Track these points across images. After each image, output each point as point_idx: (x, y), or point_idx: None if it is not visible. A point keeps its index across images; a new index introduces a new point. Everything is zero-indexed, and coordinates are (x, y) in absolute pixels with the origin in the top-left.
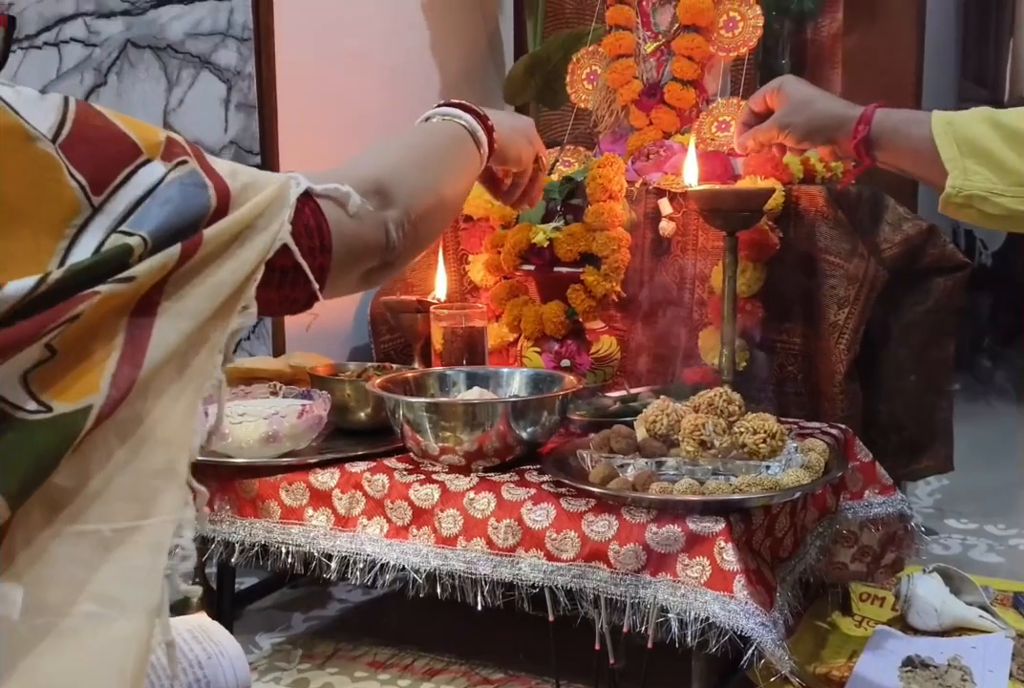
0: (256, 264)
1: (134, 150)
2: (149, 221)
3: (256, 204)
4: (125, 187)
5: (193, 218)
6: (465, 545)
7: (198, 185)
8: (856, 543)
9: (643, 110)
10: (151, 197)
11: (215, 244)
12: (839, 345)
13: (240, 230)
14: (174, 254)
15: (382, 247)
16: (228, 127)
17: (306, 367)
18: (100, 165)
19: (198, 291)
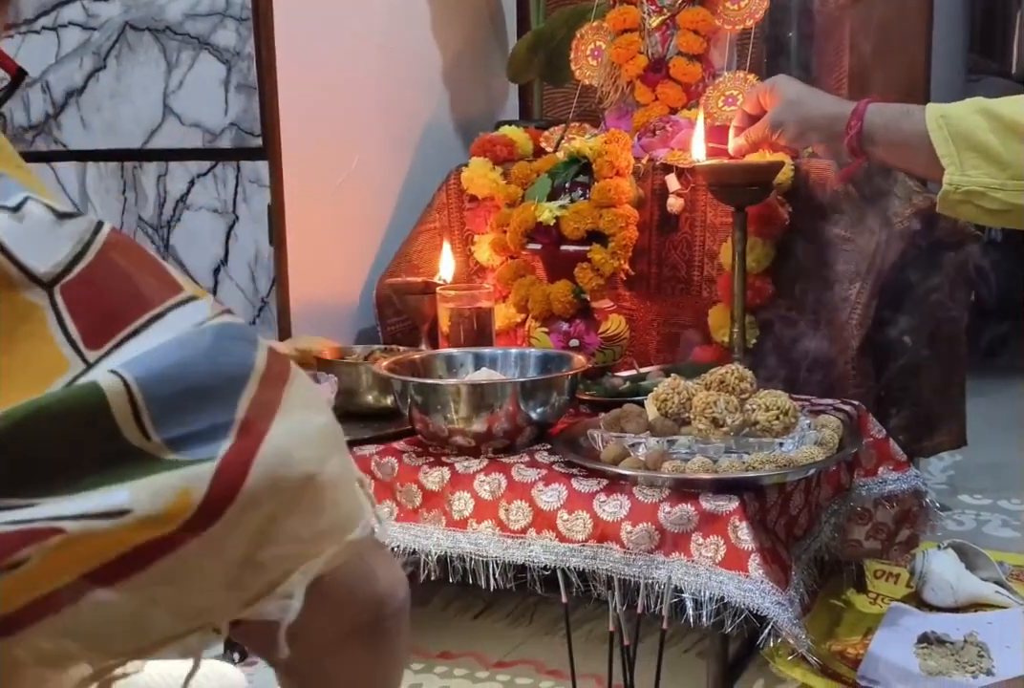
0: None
1: (170, 288)
2: (146, 363)
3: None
4: (145, 333)
5: (222, 378)
6: (476, 527)
7: (244, 338)
8: (870, 520)
9: (649, 85)
10: (172, 341)
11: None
12: (851, 320)
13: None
14: (206, 471)
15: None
16: (228, 109)
17: (312, 351)
18: (110, 309)
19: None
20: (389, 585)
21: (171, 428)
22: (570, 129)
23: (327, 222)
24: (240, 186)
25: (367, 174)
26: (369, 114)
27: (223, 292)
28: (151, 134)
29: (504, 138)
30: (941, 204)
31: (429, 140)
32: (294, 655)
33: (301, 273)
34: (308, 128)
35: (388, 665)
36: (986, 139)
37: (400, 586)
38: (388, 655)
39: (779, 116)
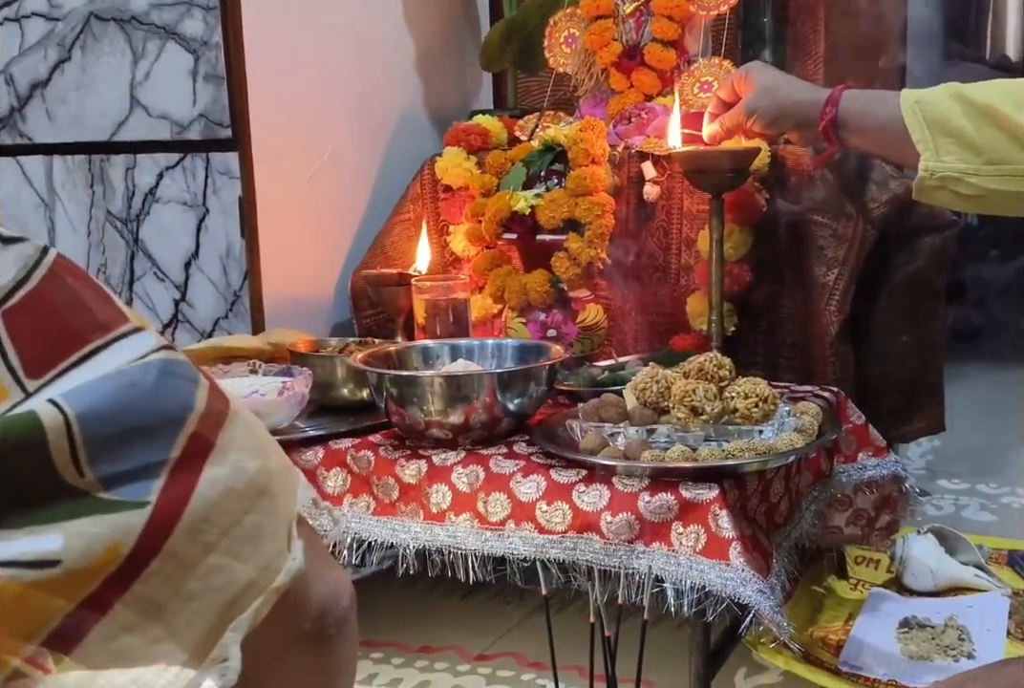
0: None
1: (116, 318)
2: (88, 397)
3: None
4: (88, 364)
5: (161, 419)
6: (454, 520)
7: (186, 377)
8: (851, 506)
9: (623, 73)
10: (115, 374)
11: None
12: (829, 307)
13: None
14: (136, 522)
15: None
16: (197, 99)
17: (286, 344)
18: (53, 338)
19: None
20: (331, 591)
21: (106, 465)
22: (545, 117)
23: (300, 214)
24: (210, 178)
25: (340, 165)
26: (341, 104)
27: (194, 286)
28: (118, 126)
29: (478, 127)
30: (917, 191)
31: (402, 130)
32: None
33: (274, 266)
34: (279, 119)
35: (335, 672)
36: (960, 124)
37: (343, 592)
38: (334, 662)
39: (754, 103)
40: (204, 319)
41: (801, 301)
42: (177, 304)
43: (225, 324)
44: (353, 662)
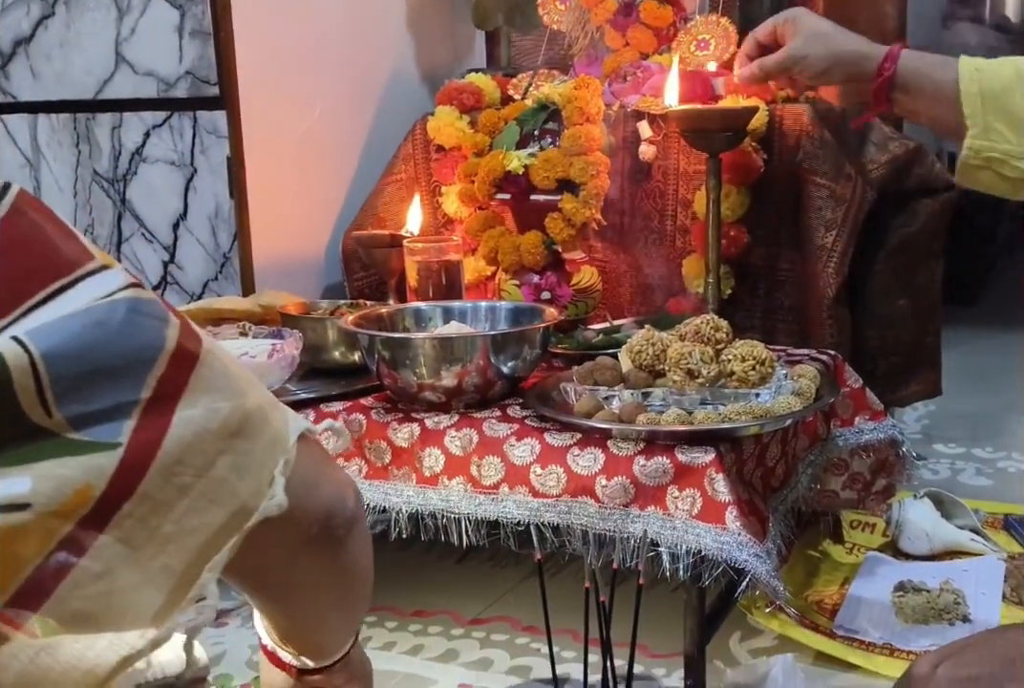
0: (244, 514)
1: (81, 255)
2: (53, 335)
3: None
4: (54, 302)
5: (130, 358)
6: (447, 484)
7: (154, 316)
8: (847, 470)
9: (619, 30)
10: (81, 312)
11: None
12: (827, 269)
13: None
14: (107, 464)
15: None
16: (183, 56)
17: (276, 306)
18: (17, 276)
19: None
20: (335, 494)
21: (74, 405)
22: (539, 76)
23: (290, 174)
24: (197, 137)
25: (330, 124)
26: (331, 62)
27: (183, 247)
28: (103, 84)
29: (471, 86)
30: (960, 173)
31: (394, 89)
32: (251, 573)
33: (264, 227)
34: (267, 76)
35: (351, 571)
36: (1016, 103)
37: (348, 493)
38: (348, 562)
39: (802, 49)
40: (193, 281)
41: (799, 263)
42: (166, 266)
43: (215, 286)
44: (368, 563)
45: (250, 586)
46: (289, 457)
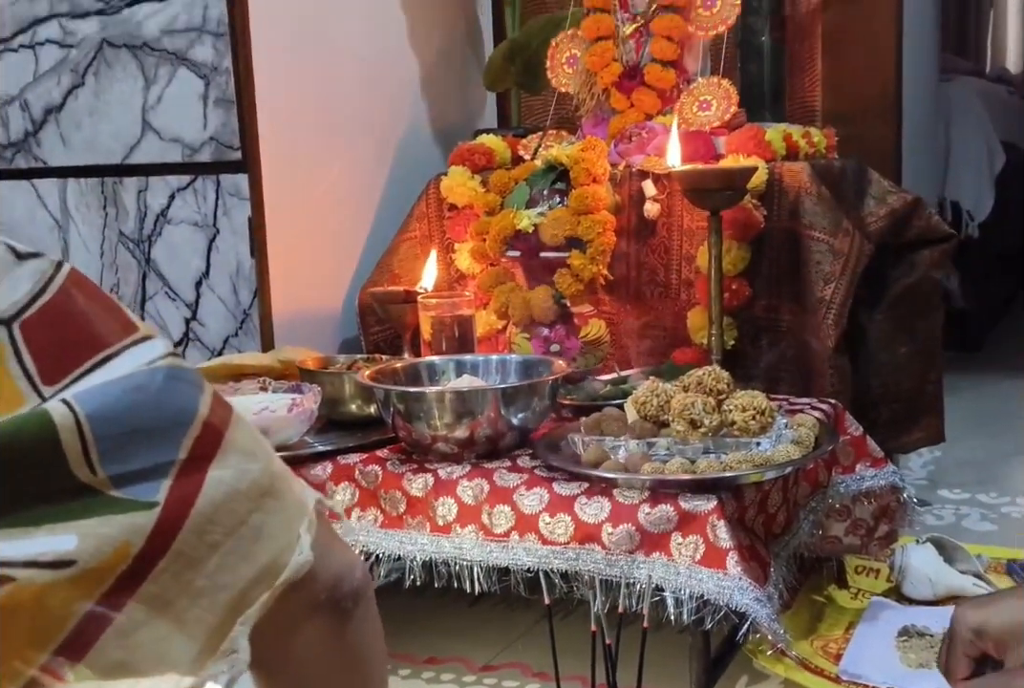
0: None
1: (126, 327)
2: (97, 398)
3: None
4: (99, 371)
5: (167, 421)
6: (460, 532)
7: (190, 382)
8: (849, 516)
9: (624, 92)
10: (124, 378)
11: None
12: (827, 320)
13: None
14: (145, 523)
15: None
16: (207, 123)
17: (295, 361)
18: (67, 347)
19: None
20: (344, 565)
21: (116, 464)
22: (547, 137)
23: (308, 233)
24: (220, 199)
25: (348, 184)
26: (349, 125)
27: (205, 305)
28: (131, 149)
29: (482, 147)
30: None
31: (409, 150)
32: (257, 642)
33: (283, 284)
34: (287, 140)
35: (359, 650)
36: None
37: (355, 567)
38: (355, 640)
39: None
40: (214, 337)
41: (799, 315)
42: (188, 323)
43: (235, 342)
44: (378, 644)
45: (255, 664)
46: (311, 518)
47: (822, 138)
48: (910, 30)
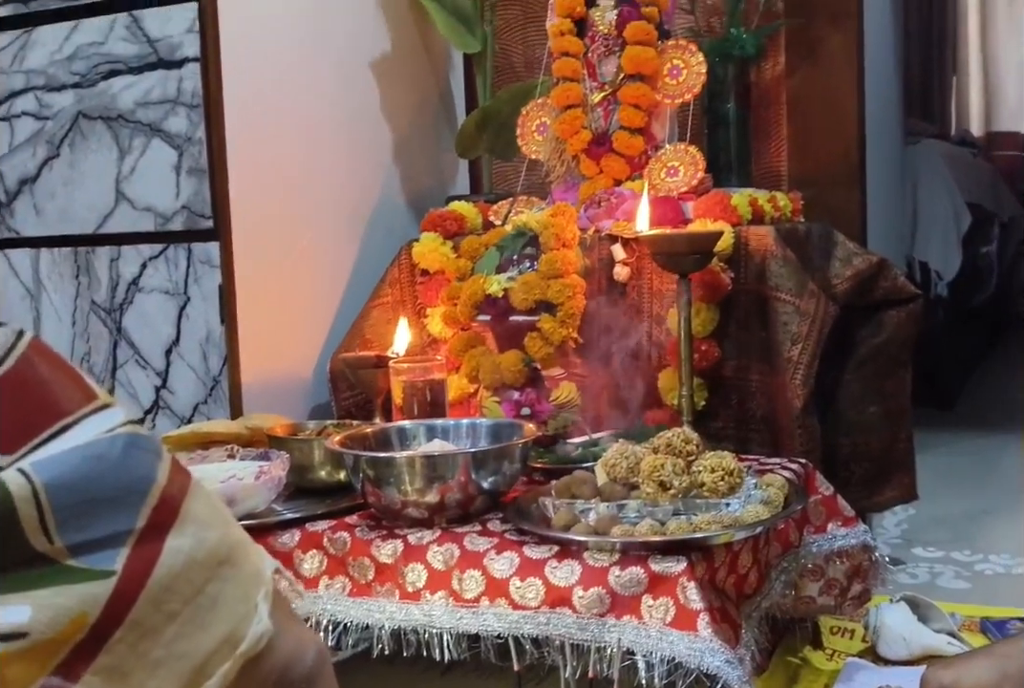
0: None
1: (85, 395)
2: (55, 467)
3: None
4: (59, 439)
5: (125, 490)
6: (429, 598)
7: (149, 450)
8: (823, 576)
9: (593, 159)
10: (83, 446)
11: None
12: (795, 380)
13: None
14: (102, 593)
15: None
16: (180, 192)
17: (264, 428)
18: (26, 415)
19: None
20: (295, 647)
21: (74, 533)
22: (518, 202)
23: (279, 299)
24: (192, 267)
25: (320, 251)
26: (321, 192)
27: (175, 373)
28: (104, 219)
29: (454, 213)
30: None
31: (381, 216)
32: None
33: (253, 351)
34: (259, 208)
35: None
36: None
37: (308, 648)
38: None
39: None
40: (184, 405)
41: (768, 375)
42: (158, 391)
43: (205, 409)
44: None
45: None
46: (269, 588)
47: (788, 202)
48: (873, 95)
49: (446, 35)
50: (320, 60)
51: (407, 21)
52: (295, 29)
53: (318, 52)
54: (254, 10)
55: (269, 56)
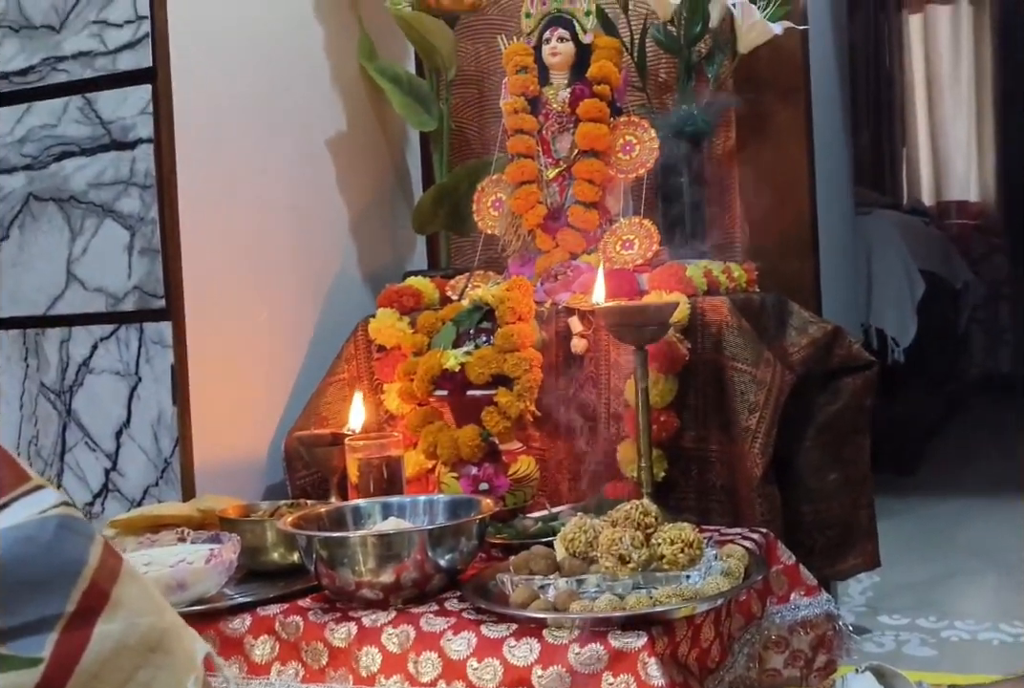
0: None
1: (17, 476)
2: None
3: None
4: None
5: (56, 573)
6: (384, 683)
7: (81, 533)
8: (787, 648)
9: (549, 233)
10: (13, 527)
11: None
12: (753, 449)
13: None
14: (28, 681)
15: None
16: (132, 272)
17: (216, 510)
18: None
19: None
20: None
21: (2, 618)
22: (474, 277)
23: (233, 379)
24: (143, 347)
25: (275, 329)
26: (277, 271)
27: (125, 455)
28: (54, 300)
29: (410, 289)
30: None
31: (338, 293)
32: None
33: (206, 431)
34: (213, 287)
35: None
36: None
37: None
38: None
39: None
40: (134, 487)
41: (727, 445)
42: (107, 473)
43: (156, 492)
44: None
45: None
46: (199, 674)
47: (742, 273)
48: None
49: (402, 114)
50: (276, 139)
51: (363, 100)
52: (250, 108)
53: (274, 131)
54: (209, 90)
55: (223, 136)
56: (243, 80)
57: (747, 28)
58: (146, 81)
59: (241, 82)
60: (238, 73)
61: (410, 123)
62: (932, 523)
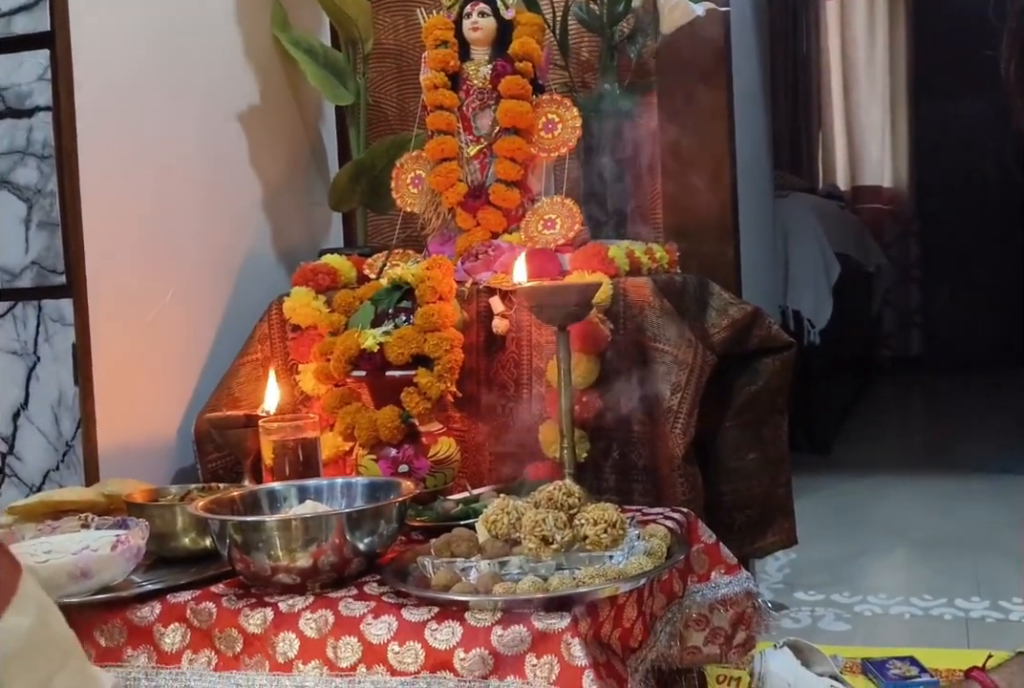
0: None
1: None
2: None
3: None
4: None
5: None
6: (302, 669)
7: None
8: (708, 625)
9: (469, 212)
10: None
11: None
12: (675, 429)
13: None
14: None
15: None
16: (29, 247)
17: (122, 494)
18: None
19: None
20: None
21: None
22: (393, 256)
23: (139, 358)
24: (42, 325)
25: (183, 307)
26: (185, 247)
27: (23, 438)
28: None
29: (326, 267)
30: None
31: (249, 270)
32: None
33: (110, 413)
34: (117, 263)
35: None
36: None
37: None
38: None
39: None
40: (33, 472)
41: (648, 425)
42: (4, 457)
43: (56, 476)
44: None
45: None
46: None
47: (664, 254)
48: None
49: (318, 86)
50: (183, 110)
51: (277, 71)
52: (156, 77)
53: (181, 102)
54: (111, 57)
55: (127, 105)
56: (148, 47)
57: (669, 8)
58: (43, 46)
59: (146, 49)
60: (143, 39)
61: (326, 96)
62: (846, 501)
